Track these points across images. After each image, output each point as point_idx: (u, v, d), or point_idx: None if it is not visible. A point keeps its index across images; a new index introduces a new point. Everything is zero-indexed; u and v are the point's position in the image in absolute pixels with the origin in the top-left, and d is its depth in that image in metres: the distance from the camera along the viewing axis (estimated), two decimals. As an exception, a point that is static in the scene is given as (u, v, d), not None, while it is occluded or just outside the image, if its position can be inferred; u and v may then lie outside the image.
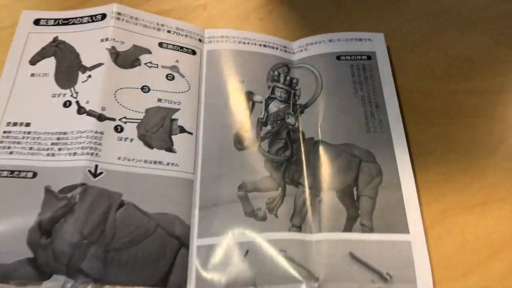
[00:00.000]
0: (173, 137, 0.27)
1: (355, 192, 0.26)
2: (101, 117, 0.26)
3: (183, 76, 0.29)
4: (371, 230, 0.25)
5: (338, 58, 0.31)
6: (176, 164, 0.26)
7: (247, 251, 0.24)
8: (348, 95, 0.30)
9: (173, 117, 0.28)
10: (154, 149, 0.27)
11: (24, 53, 0.29)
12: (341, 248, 0.24)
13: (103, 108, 0.27)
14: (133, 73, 0.28)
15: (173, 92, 0.29)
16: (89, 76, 0.28)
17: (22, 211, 0.24)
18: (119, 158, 0.26)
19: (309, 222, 0.25)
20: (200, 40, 0.31)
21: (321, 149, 0.27)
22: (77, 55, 0.29)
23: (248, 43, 0.31)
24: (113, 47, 0.29)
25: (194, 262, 0.24)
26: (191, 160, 0.27)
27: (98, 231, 0.24)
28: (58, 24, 0.30)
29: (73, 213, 0.24)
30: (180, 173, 0.26)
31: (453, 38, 0.33)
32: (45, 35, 0.30)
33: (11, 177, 0.25)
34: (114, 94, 0.27)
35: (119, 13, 0.30)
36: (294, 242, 0.25)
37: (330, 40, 0.32)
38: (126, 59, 0.29)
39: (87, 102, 0.27)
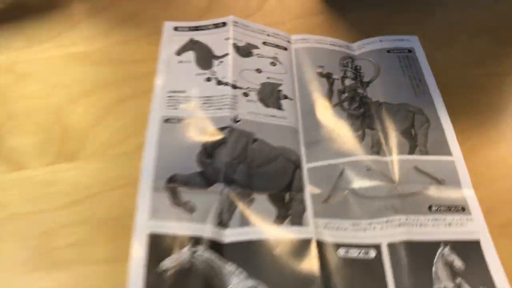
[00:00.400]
0: (281, 101, 0.39)
1: (412, 132, 0.38)
2: (234, 86, 0.38)
3: (281, 63, 0.42)
4: (427, 153, 0.36)
5: (388, 51, 0.44)
6: (284, 118, 0.38)
7: (343, 169, 0.36)
8: (398, 75, 0.42)
9: (279, 88, 0.40)
10: (270, 108, 0.38)
11: (171, 48, 0.41)
12: (407, 164, 0.36)
13: (234, 81, 0.39)
14: (249, 60, 0.41)
15: (276, 73, 0.41)
16: (221, 61, 0.40)
17: (193, 141, 0.35)
18: (248, 113, 0.37)
19: (383, 149, 0.37)
20: (288, 41, 0.44)
21: (384, 107, 0.39)
22: (210, 48, 0.41)
23: (321, 43, 0.44)
24: (234, 44, 0.41)
25: (305, 177, 0.35)
26: (294, 115, 0.39)
27: (242, 155, 0.35)
28: (191, 30, 0.43)
29: (226, 143, 0.35)
30: (288, 123, 0.38)
31: (466, 42, 0.46)
32: (183, 37, 0.42)
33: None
34: (239, 73, 0.40)
35: (235, 22, 0.43)
36: (375, 162, 0.36)
37: (380, 41, 0.45)
38: (244, 51, 0.41)
39: (224, 77, 0.39)
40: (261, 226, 0.32)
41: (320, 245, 0.31)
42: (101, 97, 0.40)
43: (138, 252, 0.30)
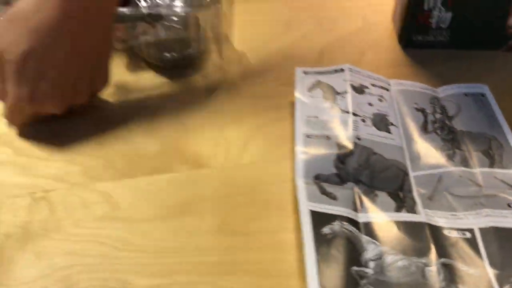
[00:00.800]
0: (389, 127, 0.52)
1: (491, 153, 0.50)
2: (354, 114, 0.52)
3: (386, 100, 0.55)
4: (503, 167, 0.49)
5: (465, 95, 0.57)
6: (393, 139, 0.51)
7: (440, 176, 0.48)
8: (475, 113, 0.55)
9: (386, 118, 0.53)
10: (381, 131, 0.51)
11: (303, 86, 0.56)
12: (489, 174, 0.48)
13: (354, 110, 0.52)
14: (363, 97, 0.54)
15: (383, 107, 0.54)
16: (343, 96, 0.54)
17: (329, 151, 0.49)
18: (367, 133, 0.51)
19: (470, 163, 0.49)
20: (388, 84, 0.58)
21: (467, 135, 0.52)
22: (332, 87, 0.55)
23: (413, 87, 0.58)
24: (351, 84, 0.55)
25: (412, 182, 0.48)
26: (400, 137, 0.52)
27: (366, 164, 0.48)
28: (316, 74, 0.57)
29: (353, 154, 0.48)
30: (396, 143, 0.51)
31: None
32: (311, 79, 0.56)
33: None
34: (357, 105, 0.53)
35: (350, 68, 0.57)
36: (464, 172, 0.48)
37: (458, 87, 0.58)
38: (358, 90, 0.55)
39: (346, 107, 0.53)
40: (385, 213, 0.45)
41: (431, 227, 0.44)
42: (253, 121, 0.54)
43: (306, 220, 0.42)
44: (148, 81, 0.59)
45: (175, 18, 0.54)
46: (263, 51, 0.65)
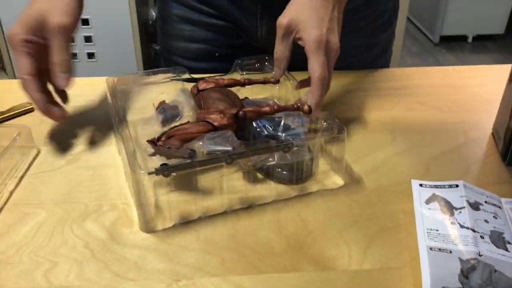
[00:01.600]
0: (506, 245, 0.55)
1: None
2: (473, 230, 0.55)
3: (500, 218, 0.58)
4: None
5: None
6: (511, 257, 0.53)
7: None
8: None
9: (503, 235, 0.56)
10: (500, 249, 0.54)
11: (421, 199, 0.59)
12: None
13: (472, 226, 0.55)
14: (479, 213, 0.57)
15: (498, 224, 0.57)
16: (460, 211, 0.57)
17: (453, 265, 0.51)
18: (486, 250, 0.53)
19: None
20: (500, 202, 0.60)
21: None
22: (449, 201, 0.59)
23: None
24: (467, 200, 0.58)
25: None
26: (518, 257, 0.54)
27: (488, 280, 0.50)
28: (432, 187, 0.61)
29: (476, 270, 0.51)
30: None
31: None
32: (428, 192, 0.60)
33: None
34: (475, 221, 0.56)
35: (464, 185, 0.60)
36: None
37: None
38: (474, 206, 0.58)
39: (464, 223, 0.56)
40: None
41: None
42: (370, 226, 0.58)
43: None
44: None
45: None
46: (370, 162, 0.70)
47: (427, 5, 3.56)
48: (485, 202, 0.60)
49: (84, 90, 0.86)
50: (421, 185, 0.62)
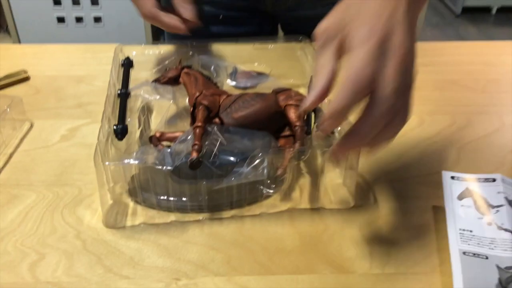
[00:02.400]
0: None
1: None
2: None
3: None
4: None
5: None
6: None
7: None
8: None
9: (545, 240, 0.49)
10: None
11: (452, 192, 0.53)
12: None
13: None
14: (519, 212, 0.51)
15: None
16: (497, 210, 0.50)
17: (490, 276, 0.45)
18: (527, 257, 0.47)
19: None
20: (542, 200, 0.54)
21: None
22: (485, 198, 0.52)
23: None
24: (505, 197, 0.52)
25: None
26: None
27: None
28: (466, 181, 0.54)
29: (516, 280, 0.44)
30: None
31: None
32: (460, 186, 0.54)
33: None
34: (514, 222, 0.50)
35: (503, 179, 0.54)
36: None
37: None
38: (513, 204, 0.52)
39: (502, 224, 0.49)
40: None
41: None
42: (394, 224, 0.52)
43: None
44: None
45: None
46: (395, 149, 0.63)
47: (450, -26, 3.40)
48: (526, 199, 0.53)
49: (86, 58, 0.80)
50: (453, 177, 0.55)
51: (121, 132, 0.52)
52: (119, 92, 0.59)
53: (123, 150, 0.53)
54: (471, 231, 0.49)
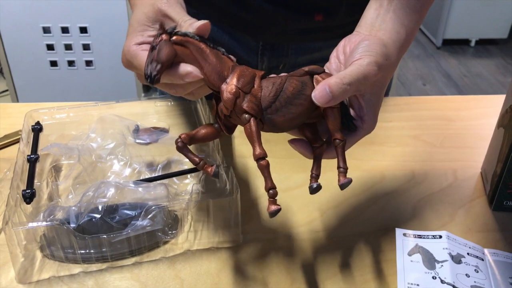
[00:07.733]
0: (486, 301, 0.55)
1: None
2: (454, 287, 0.55)
3: (481, 271, 0.58)
4: None
5: None
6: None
7: None
8: None
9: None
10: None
11: (404, 248, 0.60)
12: None
13: (453, 282, 0.56)
14: (460, 267, 0.58)
15: (480, 278, 0.57)
16: (442, 265, 0.58)
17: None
18: (465, 308, 0.54)
19: None
20: (483, 253, 0.61)
21: None
22: (431, 254, 0.59)
23: (506, 258, 0.61)
24: (449, 253, 0.59)
25: None
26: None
27: None
28: (416, 237, 0.61)
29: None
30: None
31: None
32: (411, 243, 0.61)
33: None
34: (456, 275, 0.56)
35: (448, 236, 0.61)
36: None
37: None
38: (456, 259, 0.59)
39: (445, 278, 0.56)
40: None
41: None
42: (357, 274, 0.58)
43: None
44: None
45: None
46: (355, 204, 0.70)
47: (430, 8, 3.53)
48: (468, 254, 0.60)
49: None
50: (404, 234, 0.62)
51: (29, 196, 0.58)
52: (28, 157, 0.65)
53: (32, 212, 0.59)
54: (418, 285, 0.56)
